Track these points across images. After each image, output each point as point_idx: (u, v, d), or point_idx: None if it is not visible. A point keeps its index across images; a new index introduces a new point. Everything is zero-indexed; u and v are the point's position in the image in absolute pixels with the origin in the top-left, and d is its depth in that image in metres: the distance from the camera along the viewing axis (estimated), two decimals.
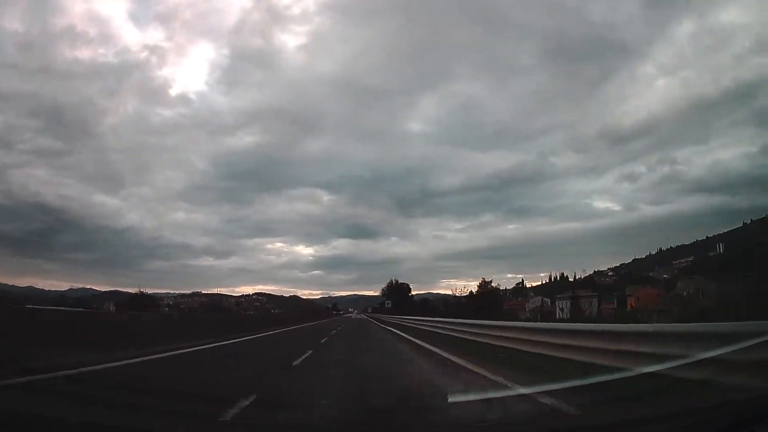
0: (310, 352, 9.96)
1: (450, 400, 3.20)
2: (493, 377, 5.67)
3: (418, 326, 19.26)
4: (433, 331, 16.31)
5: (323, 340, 14.61)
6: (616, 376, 3.15)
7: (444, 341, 12.38)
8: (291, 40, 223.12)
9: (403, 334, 16.99)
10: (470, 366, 7.04)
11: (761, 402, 1.79)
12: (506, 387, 4.54)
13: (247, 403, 3.81)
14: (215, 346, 10.56)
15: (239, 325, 19.84)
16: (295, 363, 7.80)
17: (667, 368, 2.79)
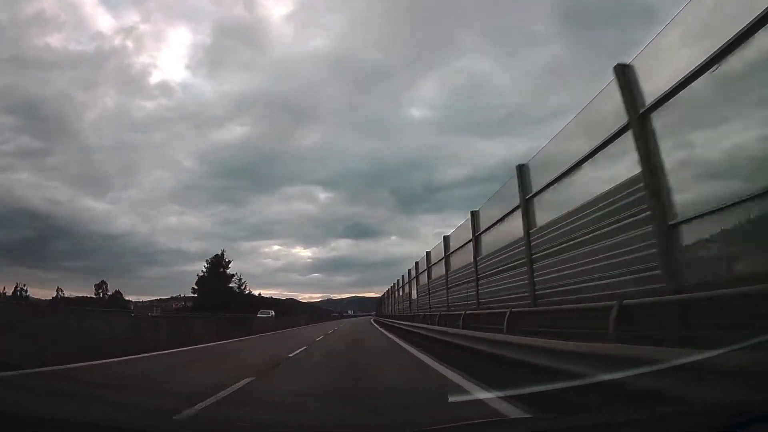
0: None
1: (450, 399, 3.25)
2: None
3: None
4: None
5: None
6: (585, 381, 3.11)
7: None
8: (277, 8, 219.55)
9: None
10: None
11: (732, 412, 1.71)
12: (478, 390, 4.58)
13: None
14: None
15: None
16: None
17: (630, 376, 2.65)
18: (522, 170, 6.64)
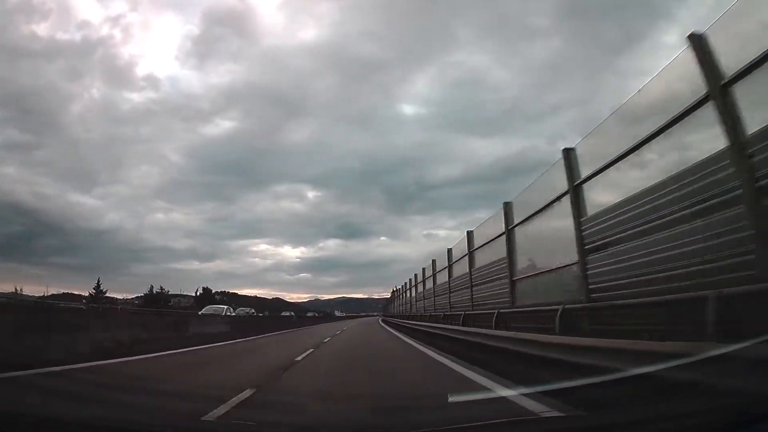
0: None
1: (450, 399, 3.26)
2: None
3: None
4: None
5: None
6: (611, 376, 3.08)
7: None
8: None
9: None
10: None
11: (734, 413, 1.76)
12: (500, 388, 4.70)
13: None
14: None
15: None
16: None
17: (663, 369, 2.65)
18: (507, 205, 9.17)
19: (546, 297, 6.65)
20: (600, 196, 5.61)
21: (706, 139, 3.94)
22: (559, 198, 6.49)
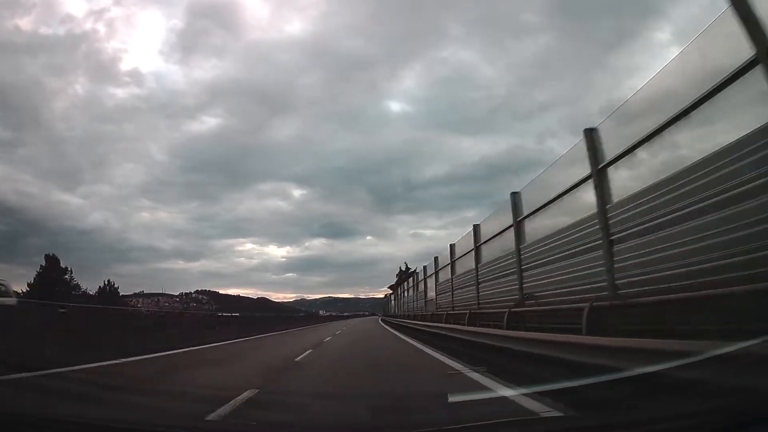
0: None
1: (450, 399, 3.19)
2: None
3: None
4: None
5: None
6: (614, 376, 3.11)
7: None
8: None
9: None
10: None
11: (734, 413, 1.74)
12: (500, 387, 4.86)
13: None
14: None
15: None
16: None
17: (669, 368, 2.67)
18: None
19: (503, 301, 8.74)
20: (536, 228, 7.81)
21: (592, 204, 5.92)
22: (507, 228, 8.71)
